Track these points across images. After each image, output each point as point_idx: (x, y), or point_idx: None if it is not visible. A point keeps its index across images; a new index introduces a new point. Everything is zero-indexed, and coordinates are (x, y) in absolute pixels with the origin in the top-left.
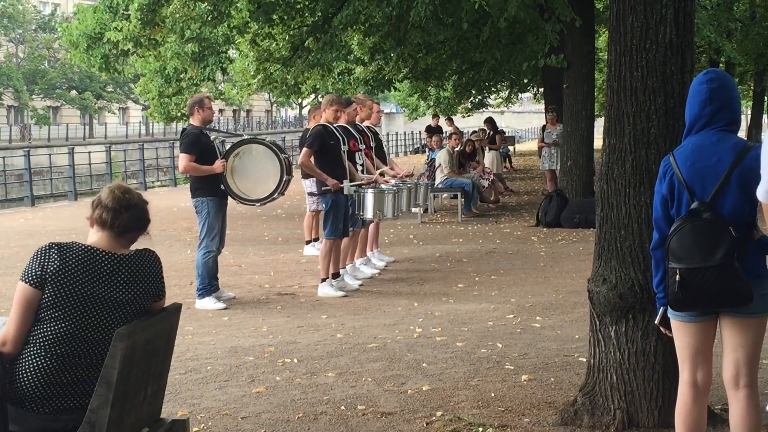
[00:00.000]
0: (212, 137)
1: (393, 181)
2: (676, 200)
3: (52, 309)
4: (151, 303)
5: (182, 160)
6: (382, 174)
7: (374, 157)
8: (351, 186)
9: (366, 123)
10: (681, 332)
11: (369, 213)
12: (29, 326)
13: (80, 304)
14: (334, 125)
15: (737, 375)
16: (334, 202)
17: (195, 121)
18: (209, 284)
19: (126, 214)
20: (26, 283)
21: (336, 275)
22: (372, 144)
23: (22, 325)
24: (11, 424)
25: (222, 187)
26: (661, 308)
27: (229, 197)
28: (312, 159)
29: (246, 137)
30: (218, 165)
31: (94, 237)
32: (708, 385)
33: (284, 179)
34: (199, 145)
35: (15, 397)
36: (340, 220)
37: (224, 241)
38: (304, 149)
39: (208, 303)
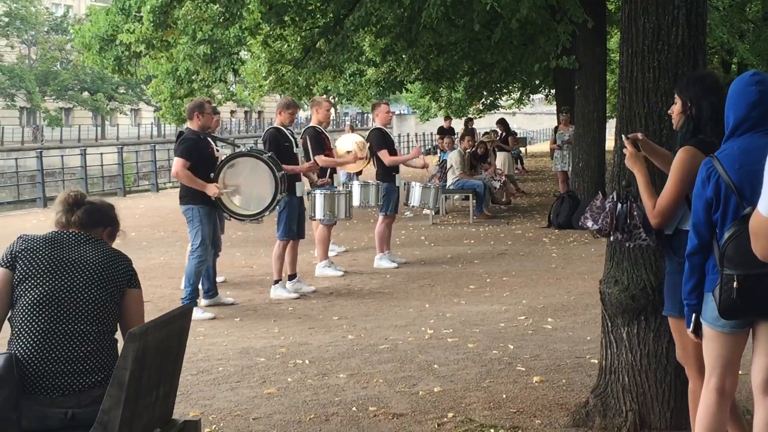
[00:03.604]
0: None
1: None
2: (722, 204)
3: (26, 281)
4: (124, 285)
5: (177, 164)
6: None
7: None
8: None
9: (376, 124)
10: (717, 342)
11: (318, 214)
12: (6, 310)
13: (50, 268)
14: (288, 128)
15: None
16: (287, 204)
17: (193, 125)
18: (205, 291)
19: (78, 210)
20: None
21: (292, 276)
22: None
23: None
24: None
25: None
26: (693, 315)
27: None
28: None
29: (242, 150)
30: (212, 189)
31: None
32: (734, 391)
33: (277, 198)
34: (197, 151)
35: None
36: (294, 221)
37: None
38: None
39: (195, 313)
